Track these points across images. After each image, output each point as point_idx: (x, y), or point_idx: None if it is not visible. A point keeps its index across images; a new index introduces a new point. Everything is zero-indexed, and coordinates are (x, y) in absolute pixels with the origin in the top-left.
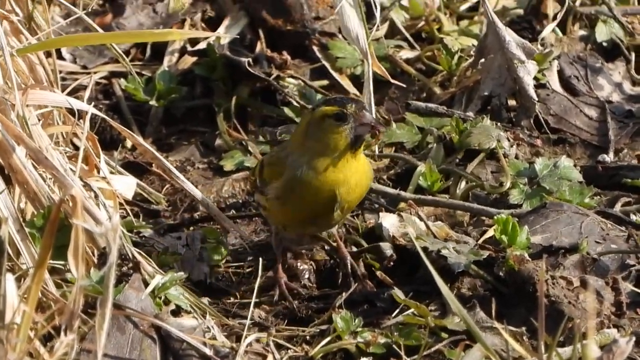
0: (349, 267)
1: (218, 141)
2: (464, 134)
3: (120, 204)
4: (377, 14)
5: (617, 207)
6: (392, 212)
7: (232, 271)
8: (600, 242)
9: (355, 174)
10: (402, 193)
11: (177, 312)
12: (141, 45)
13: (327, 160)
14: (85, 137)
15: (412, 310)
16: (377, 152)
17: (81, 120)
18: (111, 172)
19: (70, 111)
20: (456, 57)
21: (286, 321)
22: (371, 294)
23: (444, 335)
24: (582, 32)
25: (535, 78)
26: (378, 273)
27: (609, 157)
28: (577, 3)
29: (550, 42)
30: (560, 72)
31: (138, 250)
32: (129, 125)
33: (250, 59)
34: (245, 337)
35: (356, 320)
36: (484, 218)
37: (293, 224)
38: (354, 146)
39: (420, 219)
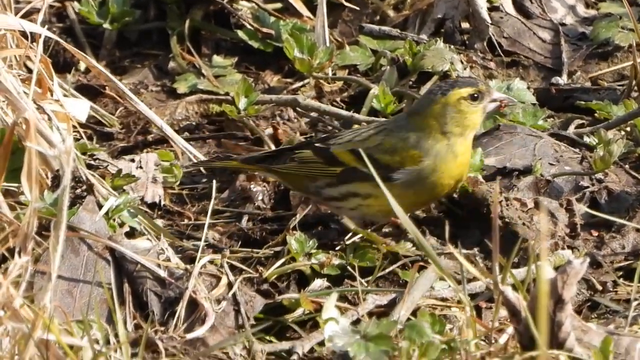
0: None
1: (171, 64)
2: (417, 56)
3: (74, 126)
4: None
5: (571, 129)
6: None
7: (185, 193)
8: (554, 164)
9: (468, 155)
10: (356, 115)
11: (131, 234)
12: None
13: (462, 142)
14: (38, 60)
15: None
16: (330, 74)
17: (34, 44)
18: (65, 95)
19: (24, 34)
20: None
21: (240, 243)
22: (325, 215)
23: (398, 256)
24: None
25: (488, 1)
26: None
27: (562, 80)
28: None
29: None
30: None
31: (92, 173)
32: (83, 49)
33: None
34: (200, 259)
35: (310, 242)
36: None
37: (404, 208)
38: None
39: None
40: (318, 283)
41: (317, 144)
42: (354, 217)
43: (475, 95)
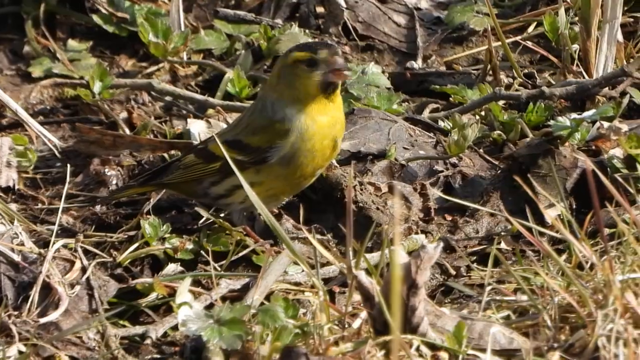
0: None
1: (26, 48)
2: (272, 41)
3: None
4: None
5: (425, 114)
6: (200, 118)
7: (40, 177)
8: (408, 148)
9: (338, 114)
10: (210, 99)
11: None
12: None
13: (312, 105)
14: None
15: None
16: (185, 58)
17: None
18: None
19: None
20: None
21: (94, 227)
22: (179, 200)
23: (251, 241)
24: None
25: None
26: None
27: (417, 64)
28: None
29: None
30: None
31: None
32: None
33: None
34: (53, 243)
35: (164, 227)
36: None
37: (291, 185)
38: (326, 91)
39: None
40: (172, 267)
41: (199, 146)
42: (244, 210)
43: (311, 61)
